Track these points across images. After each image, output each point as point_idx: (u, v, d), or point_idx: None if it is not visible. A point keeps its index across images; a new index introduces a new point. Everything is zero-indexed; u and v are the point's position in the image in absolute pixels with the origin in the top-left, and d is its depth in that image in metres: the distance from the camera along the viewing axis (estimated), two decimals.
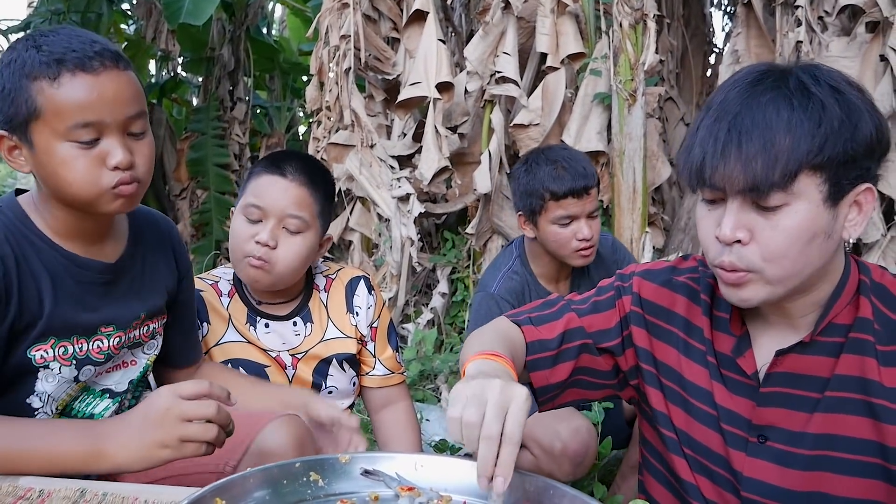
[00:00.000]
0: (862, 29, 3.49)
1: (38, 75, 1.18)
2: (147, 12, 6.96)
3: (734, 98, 1.03)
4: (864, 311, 1.09)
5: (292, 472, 1.07)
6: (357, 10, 4.36)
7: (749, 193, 1.00)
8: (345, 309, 1.84)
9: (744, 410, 1.15)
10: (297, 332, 1.79)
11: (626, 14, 3.51)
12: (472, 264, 4.42)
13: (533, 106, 3.90)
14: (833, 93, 1.00)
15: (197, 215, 6.88)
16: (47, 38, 1.21)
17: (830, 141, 0.98)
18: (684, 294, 1.26)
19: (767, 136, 0.98)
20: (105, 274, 1.37)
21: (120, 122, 1.23)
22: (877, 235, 3.48)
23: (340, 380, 1.82)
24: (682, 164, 1.09)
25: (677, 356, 1.24)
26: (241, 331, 1.76)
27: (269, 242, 1.64)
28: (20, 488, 1.10)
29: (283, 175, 1.66)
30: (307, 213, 1.67)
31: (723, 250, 1.05)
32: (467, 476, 1.09)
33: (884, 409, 1.04)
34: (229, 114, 7.23)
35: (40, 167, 1.24)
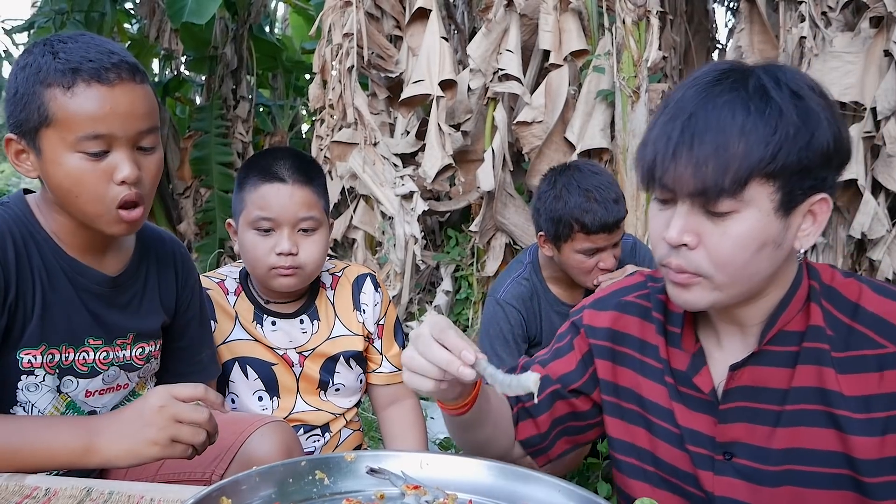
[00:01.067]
0: (866, 24, 3.48)
1: (53, 82, 1.16)
2: (150, 11, 6.96)
3: (691, 97, 0.99)
4: (816, 318, 1.06)
5: (298, 471, 1.06)
6: (360, 8, 4.37)
7: (698, 197, 0.97)
8: (352, 306, 1.83)
9: (706, 428, 1.12)
10: (304, 330, 1.79)
11: (628, 10, 3.50)
12: (475, 262, 4.42)
13: (536, 103, 3.90)
14: (793, 98, 0.96)
15: (201, 214, 6.89)
16: (65, 44, 1.19)
17: (785, 149, 0.94)
18: (635, 314, 1.23)
19: (720, 140, 0.95)
20: (102, 286, 1.33)
21: (130, 137, 1.20)
22: (881, 231, 3.48)
23: (348, 377, 1.82)
24: (637, 162, 1.06)
25: (635, 377, 1.21)
26: (247, 329, 1.76)
27: (291, 251, 1.64)
28: (26, 487, 1.10)
29: (283, 181, 1.64)
30: (317, 211, 1.68)
31: (670, 252, 1.03)
32: (473, 474, 1.09)
33: (847, 420, 1.02)
34: (232, 112, 7.23)
35: (46, 175, 1.21)
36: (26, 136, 1.20)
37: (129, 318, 1.39)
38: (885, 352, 1.01)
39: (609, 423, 1.25)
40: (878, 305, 1.04)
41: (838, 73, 3.50)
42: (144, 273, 1.42)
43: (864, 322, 1.04)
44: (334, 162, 4.58)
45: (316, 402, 1.79)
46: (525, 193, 4.38)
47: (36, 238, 1.26)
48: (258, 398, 1.76)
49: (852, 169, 3.45)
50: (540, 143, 3.91)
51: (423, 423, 1.91)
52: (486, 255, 4.35)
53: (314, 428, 1.79)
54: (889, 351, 1.00)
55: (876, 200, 3.50)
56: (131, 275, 1.39)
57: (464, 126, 4.39)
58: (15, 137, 1.21)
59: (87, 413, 1.39)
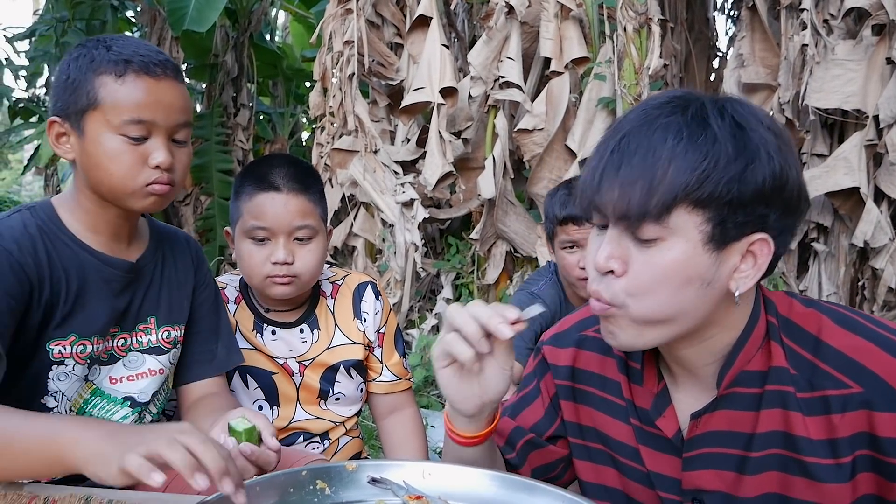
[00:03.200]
0: (868, 32, 3.48)
1: (105, 70, 1.27)
2: (151, 19, 6.98)
3: (631, 119, 0.95)
4: (778, 357, 0.99)
5: (299, 480, 1.05)
6: (361, 16, 4.37)
7: (623, 221, 0.92)
8: (352, 315, 1.82)
9: (672, 472, 1.07)
10: (304, 339, 1.78)
11: (629, 18, 3.50)
12: (476, 270, 4.41)
13: (537, 111, 3.90)
14: (733, 128, 0.91)
15: (201, 221, 6.89)
16: (117, 41, 1.31)
17: (714, 178, 0.88)
18: (595, 349, 1.17)
19: (648, 162, 0.90)
20: (126, 272, 1.41)
21: (168, 127, 1.31)
22: (884, 240, 3.47)
23: (348, 386, 1.80)
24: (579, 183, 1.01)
25: (598, 415, 1.16)
26: (247, 337, 1.75)
27: (287, 260, 1.63)
28: (24, 496, 1.09)
29: (278, 189, 1.63)
30: (313, 220, 1.67)
31: (592, 280, 0.99)
32: (476, 484, 1.08)
33: (816, 467, 0.96)
34: (233, 120, 7.24)
35: (86, 155, 1.30)
36: (70, 118, 1.30)
37: (151, 302, 1.46)
38: (849, 392, 0.94)
39: (578, 467, 1.20)
40: (841, 340, 0.98)
41: (840, 81, 3.50)
42: (161, 257, 1.50)
43: (827, 360, 0.97)
44: (335, 169, 4.58)
45: (316, 411, 1.78)
46: (526, 201, 4.38)
47: (62, 238, 1.34)
48: (258, 407, 1.74)
49: (855, 177, 3.45)
50: (541, 151, 3.91)
51: (424, 432, 1.90)
52: (486, 263, 4.34)
53: (314, 435, 1.78)
54: (853, 391, 0.94)
55: (878, 209, 3.49)
56: (150, 258, 1.46)
57: (464, 133, 4.39)
58: (59, 120, 1.31)
59: (121, 399, 1.44)
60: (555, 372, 1.20)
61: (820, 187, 3.52)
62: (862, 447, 0.94)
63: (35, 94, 7.63)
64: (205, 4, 5.85)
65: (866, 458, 0.94)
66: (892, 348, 0.94)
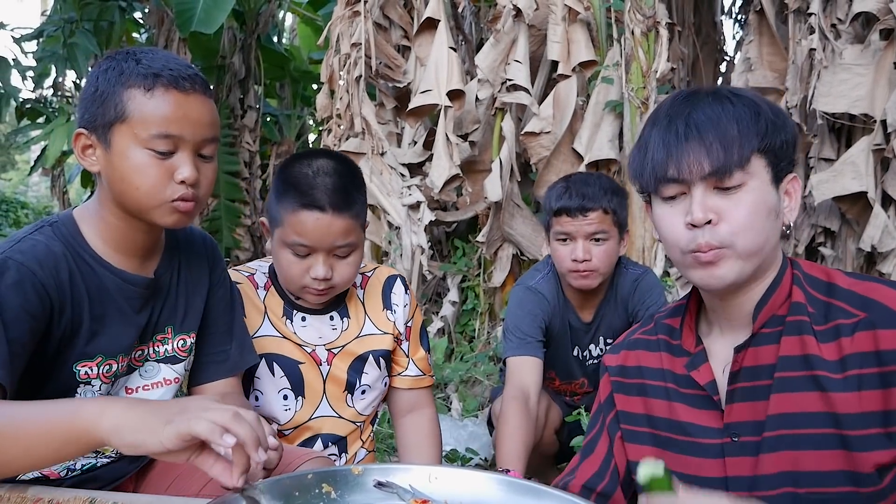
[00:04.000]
0: (876, 36, 3.47)
1: (134, 84, 1.26)
2: (159, 21, 7.00)
3: (680, 105, 1.16)
4: (798, 297, 1.18)
5: (304, 484, 1.05)
6: (368, 18, 4.37)
7: (712, 177, 1.11)
8: (382, 306, 1.81)
9: (710, 421, 1.22)
10: (335, 327, 1.77)
11: (637, 22, 3.50)
12: (482, 272, 4.40)
13: (544, 114, 3.89)
14: (757, 99, 1.17)
15: (207, 223, 6.89)
16: (147, 55, 1.30)
17: (770, 129, 1.13)
18: (641, 348, 1.35)
19: (720, 126, 1.12)
20: (148, 289, 1.40)
21: (196, 142, 1.30)
22: (891, 244, 3.45)
23: (374, 378, 1.79)
24: (639, 170, 1.20)
25: (645, 400, 1.31)
26: (276, 324, 1.74)
27: (327, 276, 1.62)
28: (28, 499, 1.09)
29: (323, 210, 1.59)
30: (354, 236, 1.65)
31: (695, 235, 1.13)
32: (483, 488, 1.08)
33: (827, 380, 1.11)
34: (240, 122, 7.25)
35: (111, 168, 1.29)
36: (97, 130, 1.29)
37: (168, 312, 1.45)
38: (857, 319, 1.13)
39: (627, 449, 1.33)
40: (850, 284, 1.17)
41: (848, 86, 3.49)
42: (178, 265, 1.48)
43: (838, 297, 1.16)
44: None
45: (340, 407, 1.77)
46: (532, 204, 4.37)
47: (84, 256, 1.33)
48: (283, 396, 1.73)
49: (862, 181, 3.43)
50: (548, 154, 3.90)
51: (440, 435, 1.89)
52: (492, 266, 4.34)
53: (331, 441, 1.76)
54: (861, 318, 1.12)
55: (886, 213, 3.47)
56: (166, 269, 1.45)
57: (471, 136, 4.38)
58: (85, 132, 1.30)
59: None
60: (610, 372, 1.39)
61: (827, 192, 3.51)
62: (869, 366, 1.10)
63: (42, 94, 7.65)
64: (212, 6, 5.86)
65: (873, 376, 1.09)
66: (888, 284, 1.15)
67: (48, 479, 1.36)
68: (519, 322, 2.24)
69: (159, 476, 1.49)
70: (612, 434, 1.35)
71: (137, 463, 1.49)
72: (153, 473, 1.51)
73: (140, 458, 1.49)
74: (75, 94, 7.46)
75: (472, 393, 3.82)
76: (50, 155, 6.71)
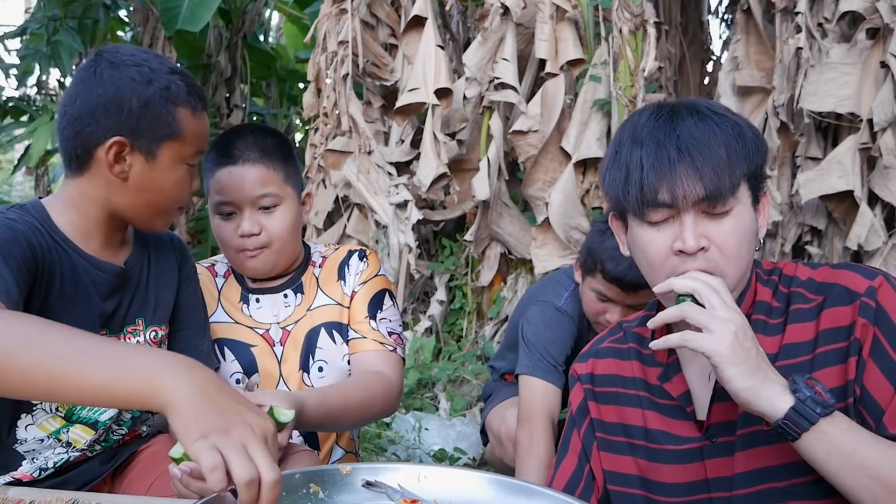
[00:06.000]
0: (862, 35, 3.48)
1: (184, 103, 1.36)
2: (144, 19, 6.94)
3: (663, 126, 1.14)
4: (762, 295, 1.20)
5: (291, 484, 1.03)
6: (355, 16, 4.35)
7: (704, 203, 1.10)
8: (335, 277, 1.78)
9: (685, 431, 1.22)
10: (287, 304, 1.76)
11: (625, 20, 3.50)
12: (470, 272, 4.39)
13: (532, 112, 3.88)
14: (736, 118, 1.16)
15: (193, 222, 6.85)
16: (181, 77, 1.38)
17: (752, 152, 1.13)
18: (609, 356, 1.35)
19: (711, 151, 1.10)
20: (118, 277, 1.42)
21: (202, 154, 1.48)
22: (878, 243, 3.47)
23: (331, 353, 1.73)
24: (621, 192, 1.16)
25: (618, 409, 1.31)
26: (229, 310, 1.75)
27: (252, 231, 1.64)
28: (9, 500, 1.07)
29: (234, 161, 1.63)
30: (274, 187, 1.65)
31: (685, 261, 1.12)
32: (473, 488, 1.06)
33: (791, 368, 1.11)
34: (226, 121, 7.20)
35: (148, 179, 1.36)
36: (143, 141, 1.34)
37: (138, 304, 1.47)
38: (817, 303, 1.16)
39: (602, 458, 1.32)
40: (808, 273, 1.20)
41: (835, 85, 3.50)
42: (147, 258, 1.52)
43: (798, 285, 1.20)
44: (328, 170, 4.56)
45: (298, 388, 1.70)
46: (520, 203, 4.36)
47: (55, 238, 1.35)
48: (235, 381, 1.72)
49: (849, 180, 3.45)
50: (536, 153, 3.89)
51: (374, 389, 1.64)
52: (480, 265, 4.33)
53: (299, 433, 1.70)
54: (818, 301, 1.16)
55: (872, 212, 3.49)
56: (136, 261, 1.49)
57: (459, 135, 4.37)
58: (127, 141, 1.33)
59: None
60: (581, 380, 1.37)
61: (814, 190, 3.52)
62: (831, 342, 1.12)
63: (26, 93, 7.57)
64: (198, 4, 5.81)
65: (836, 351, 1.12)
66: (850, 267, 1.18)
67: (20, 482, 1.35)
68: (548, 345, 2.18)
69: (140, 476, 1.48)
70: (588, 445, 1.33)
71: (111, 464, 1.49)
72: (133, 474, 1.50)
73: (113, 460, 1.49)
74: (59, 93, 7.40)
75: (460, 392, 3.81)
76: (34, 154, 6.64)
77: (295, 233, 1.71)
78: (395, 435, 3.19)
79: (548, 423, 2.05)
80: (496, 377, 2.60)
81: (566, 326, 2.23)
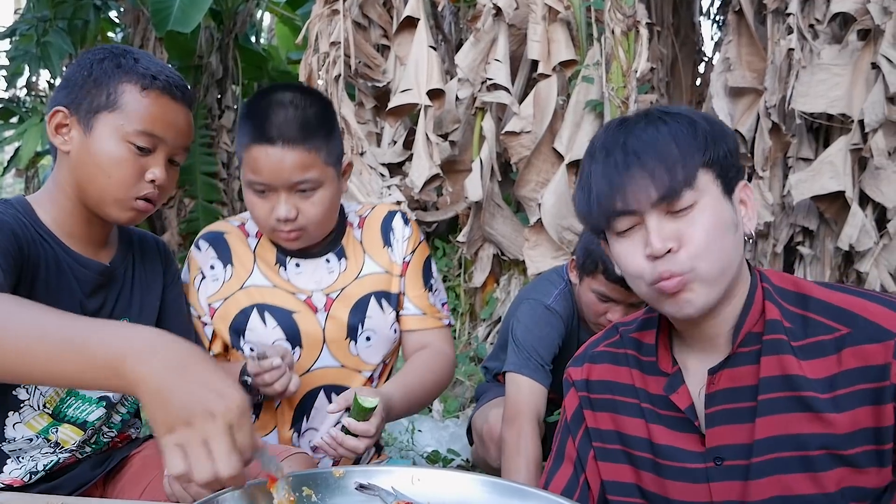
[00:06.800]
0: (853, 37, 3.49)
1: (131, 79, 1.33)
2: (135, 20, 6.91)
3: (613, 135, 1.13)
4: (772, 313, 1.14)
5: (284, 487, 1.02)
6: (347, 17, 4.34)
7: (662, 202, 1.08)
8: (381, 243, 1.70)
9: (691, 445, 1.18)
10: (332, 270, 1.66)
11: (618, 21, 3.50)
12: (463, 273, 4.39)
13: (524, 113, 3.88)
14: (691, 114, 1.14)
15: (184, 224, 6.82)
16: (144, 57, 1.38)
17: (710, 140, 1.10)
18: (605, 361, 1.31)
19: (659, 149, 1.09)
20: (100, 274, 1.41)
21: (172, 147, 1.38)
22: (869, 243, 3.48)
23: (380, 323, 1.67)
24: (585, 209, 1.16)
25: (615, 417, 1.27)
26: (267, 273, 1.65)
27: (289, 216, 1.53)
28: None
29: (272, 142, 1.49)
30: (314, 171, 1.53)
31: (656, 265, 1.09)
32: (466, 490, 1.06)
33: (815, 400, 1.08)
34: (217, 122, 7.18)
35: (86, 152, 1.33)
36: (80, 112, 1.33)
37: (123, 304, 1.47)
38: (840, 335, 1.09)
39: (601, 468, 1.29)
40: (825, 295, 1.14)
41: (826, 86, 3.51)
42: (132, 260, 1.52)
43: (816, 311, 1.13)
44: None
45: (343, 356, 1.66)
46: (513, 204, 4.36)
47: (40, 233, 1.35)
48: None
49: (840, 181, 3.45)
50: (528, 154, 3.89)
51: (438, 370, 1.71)
52: (473, 266, 4.32)
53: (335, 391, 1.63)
54: (843, 333, 1.09)
55: (864, 212, 3.50)
56: (121, 261, 1.48)
57: (451, 136, 4.37)
58: (66, 111, 1.34)
59: (96, 399, 1.43)
60: (576, 386, 1.33)
61: (805, 191, 3.53)
62: (858, 382, 1.07)
63: (15, 94, 7.53)
64: (189, 5, 5.79)
65: (864, 392, 1.06)
66: (871, 297, 1.11)
67: (11, 487, 1.34)
68: (536, 344, 2.17)
69: (132, 481, 1.47)
70: (583, 454, 1.30)
71: (102, 468, 1.48)
72: (126, 479, 1.49)
73: (105, 464, 1.48)
74: (49, 94, 7.36)
75: (454, 394, 3.80)
76: (23, 155, 6.60)
77: (334, 210, 1.61)
78: (388, 437, 3.18)
79: (535, 422, 2.04)
80: (489, 378, 2.59)
81: (555, 325, 2.22)
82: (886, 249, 3.53)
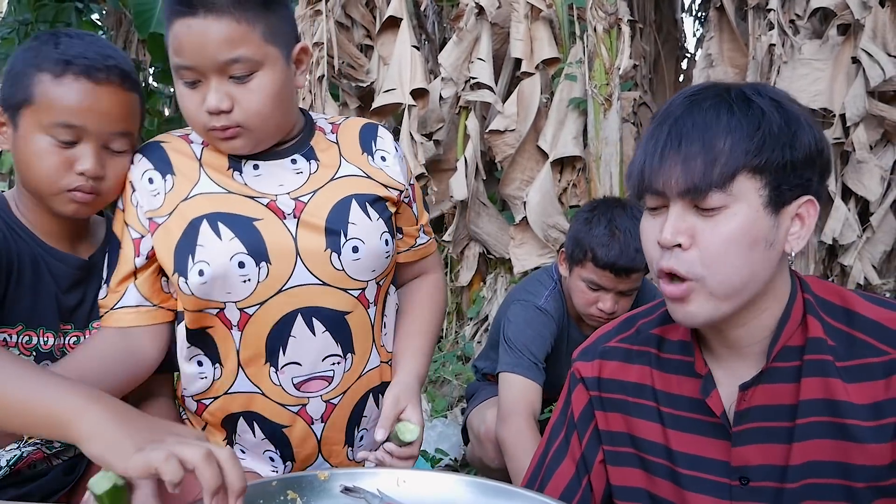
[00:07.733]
0: (834, 31, 3.51)
1: (45, 68, 1.25)
2: (117, 22, 6.88)
3: (677, 106, 1.04)
4: (815, 330, 1.05)
5: (269, 492, 1.02)
6: (330, 18, 4.33)
7: (688, 195, 0.99)
8: (360, 150, 1.45)
9: (718, 454, 1.11)
10: (299, 171, 1.39)
11: (599, 19, 3.50)
12: (449, 272, 4.38)
13: (508, 112, 3.89)
14: (773, 103, 1.01)
15: None
16: (70, 39, 1.28)
17: (769, 144, 0.98)
18: (618, 358, 1.23)
19: (707, 138, 0.98)
20: (79, 270, 1.39)
21: (102, 135, 1.29)
22: (852, 237, 3.50)
23: (367, 230, 1.38)
24: (629, 172, 1.08)
25: (627, 419, 1.20)
26: (218, 179, 1.36)
27: (220, 107, 1.26)
28: None
29: (194, 12, 1.22)
30: (248, 49, 1.25)
31: (663, 255, 1.03)
32: (452, 491, 1.06)
33: (858, 429, 1.02)
34: None
35: (17, 150, 1.30)
36: (9, 110, 1.30)
37: None
38: (889, 358, 1.01)
39: (610, 472, 1.23)
40: (873, 312, 1.05)
41: (807, 80, 3.53)
42: None
43: (863, 330, 1.04)
44: None
45: (325, 272, 1.35)
46: (498, 202, 4.36)
47: (15, 229, 1.33)
48: (238, 264, 1.30)
49: None
50: (513, 152, 3.90)
51: (443, 301, 1.63)
52: (459, 265, 4.32)
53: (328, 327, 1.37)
54: (893, 357, 1.01)
55: (846, 206, 3.52)
56: (102, 257, 1.43)
57: (436, 135, 4.36)
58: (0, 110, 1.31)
59: None
60: (587, 384, 1.25)
61: None
62: None
63: None
64: None
65: None
66: None
67: None
68: (529, 342, 2.16)
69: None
70: (590, 456, 1.23)
71: (73, 475, 1.46)
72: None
73: (75, 472, 1.46)
74: None
75: (441, 393, 3.80)
76: (5, 160, 6.56)
77: (282, 104, 1.32)
78: None
79: (531, 419, 2.04)
80: (479, 377, 2.59)
81: (546, 325, 2.22)
82: (870, 243, 3.56)
